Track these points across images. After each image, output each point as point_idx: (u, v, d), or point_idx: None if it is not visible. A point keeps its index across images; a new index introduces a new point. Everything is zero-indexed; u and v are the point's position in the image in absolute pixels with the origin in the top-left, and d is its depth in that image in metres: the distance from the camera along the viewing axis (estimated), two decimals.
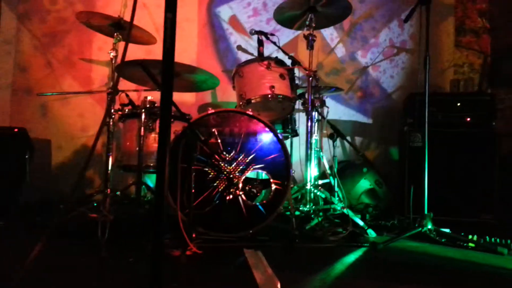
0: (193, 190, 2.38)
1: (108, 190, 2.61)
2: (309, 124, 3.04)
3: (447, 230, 2.96)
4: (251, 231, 2.58)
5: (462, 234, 2.86)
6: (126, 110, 3.17)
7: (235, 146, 2.66)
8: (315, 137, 3.22)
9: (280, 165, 2.68)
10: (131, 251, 2.28)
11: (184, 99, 4.13)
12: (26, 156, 3.47)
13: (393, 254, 2.52)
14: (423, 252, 2.60)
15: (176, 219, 2.36)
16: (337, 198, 3.25)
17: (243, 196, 2.61)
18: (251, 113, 2.69)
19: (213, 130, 2.63)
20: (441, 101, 3.81)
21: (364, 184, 3.85)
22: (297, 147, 3.70)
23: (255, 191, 2.62)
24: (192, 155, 2.42)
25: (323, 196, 3.15)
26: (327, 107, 3.30)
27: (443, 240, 2.82)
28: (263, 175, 2.69)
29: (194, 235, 2.39)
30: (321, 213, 3.11)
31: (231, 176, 2.61)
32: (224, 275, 1.98)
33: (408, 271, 2.19)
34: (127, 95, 3.11)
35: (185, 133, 2.52)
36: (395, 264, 2.32)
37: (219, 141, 2.65)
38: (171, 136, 2.87)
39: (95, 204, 2.87)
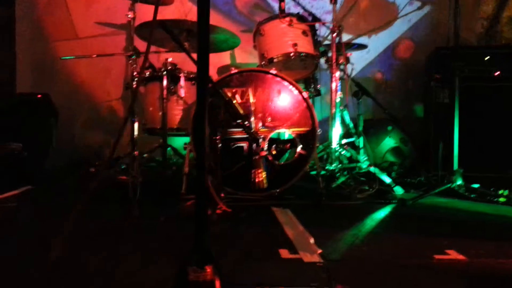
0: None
1: (136, 152, 2.62)
2: (334, 82, 2.97)
3: (476, 186, 2.92)
4: (277, 190, 2.57)
5: (492, 189, 2.81)
6: (147, 73, 3.15)
7: (260, 106, 2.61)
8: (339, 95, 3.15)
9: (305, 125, 2.64)
10: (161, 211, 2.32)
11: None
12: (51, 122, 3.52)
13: (423, 210, 2.50)
14: (453, 207, 2.57)
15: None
16: (362, 157, 3.21)
17: (269, 156, 2.59)
18: (275, 72, 2.63)
19: (240, 90, 2.58)
20: (469, 55, 3.67)
21: (389, 142, 3.79)
22: (318, 107, 3.63)
23: (280, 151, 2.60)
24: (216, 116, 2.40)
25: (349, 155, 3.12)
26: (352, 64, 3.20)
27: (472, 195, 2.78)
28: (289, 135, 2.65)
29: (222, 195, 2.41)
30: (345, 172, 3.09)
31: (257, 136, 2.59)
32: (255, 231, 1.99)
33: (440, 225, 2.18)
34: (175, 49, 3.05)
35: (209, 94, 2.48)
36: (426, 219, 2.31)
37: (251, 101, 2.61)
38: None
39: (122, 167, 2.90)
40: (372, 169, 2.96)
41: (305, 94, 2.66)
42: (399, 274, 1.47)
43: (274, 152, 2.61)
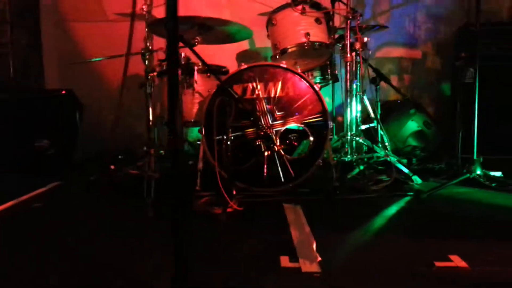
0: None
1: (152, 150, 2.69)
2: (348, 70, 2.90)
3: (499, 174, 2.82)
4: (290, 185, 2.59)
5: None
6: (164, 66, 3.19)
7: (271, 100, 2.61)
8: (356, 82, 3.09)
9: (318, 118, 2.62)
10: (179, 209, 2.38)
11: (223, 48, 4.02)
12: (76, 116, 3.65)
13: (438, 203, 2.46)
14: (471, 199, 2.51)
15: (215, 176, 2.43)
16: (380, 145, 3.16)
17: (281, 150, 2.60)
18: (285, 65, 2.60)
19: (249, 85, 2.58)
20: (498, 32, 3.47)
21: (412, 126, 3.70)
22: (339, 93, 3.57)
23: (292, 145, 2.60)
24: (227, 113, 2.41)
25: (366, 143, 3.08)
26: (369, 49, 3.10)
27: (493, 185, 2.69)
28: (301, 128, 2.63)
29: (234, 192, 2.45)
30: (365, 159, 3.06)
31: (268, 131, 2.59)
32: (262, 233, 2.03)
33: (451, 223, 2.14)
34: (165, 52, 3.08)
35: (218, 93, 2.49)
36: (438, 215, 2.27)
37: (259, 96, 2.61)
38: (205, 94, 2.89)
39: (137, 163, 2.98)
40: (388, 158, 2.91)
41: (317, 87, 2.62)
42: (395, 285, 1.47)
43: (286, 146, 2.61)
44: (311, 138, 2.62)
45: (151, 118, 2.77)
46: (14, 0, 4.57)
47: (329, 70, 3.25)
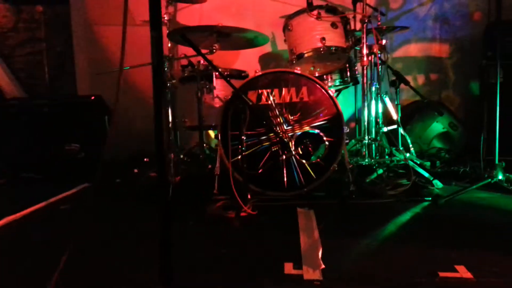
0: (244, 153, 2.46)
1: (172, 155, 2.79)
2: (364, 73, 2.89)
3: None
4: (305, 190, 2.61)
5: None
6: (186, 72, 3.29)
7: (286, 106, 2.63)
8: (375, 84, 3.06)
9: (333, 122, 2.62)
10: (192, 213, 2.47)
11: (246, 52, 4.08)
12: (105, 121, 3.81)
13: (456, 209, 2.41)
14: (491, 205, 2.45)
15: (235, 181, 2.48)
16: (401, 148, 3.12)
17: (296, 156, 2.62)
18: (299, 71, 2.62)
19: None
20: None
21: (437, 127, 3.62)
22: (359, 95, 3.54)
23: (307, 150, 2.62)
24: (241, 121, 2.47)
25: (385, 147, 3.05)
26: (387, 52, 3.07)
27: None
28: (316, 133, 2.65)
29: (249, 196, 2.50)
30: (387, 162, 3.03)
31: (283, 137, 2.62)
32: (271, 238, 2.07)
33: (467, 230, 2.09)
34: (186, 56, 3.16)
35: (233, 100, 2.55)
36: (454, 222, 2.22)
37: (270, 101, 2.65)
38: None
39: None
40: (409, 162, 2.87)
41: (331, 92, 2.63)
42: None
43: (302, 151, 2.63)
44: (327, 143, 2.63)
45: (170, 123, 2.86)
46: (48, 9, 4.84)
47: (348, 73, 3.23)
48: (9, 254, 1.96)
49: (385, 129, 3.35)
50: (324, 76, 3.24)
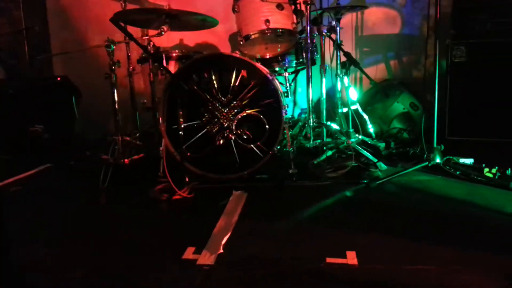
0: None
1: (119, 137, 2.84)
2: (308, 57, 2.87)
3: (469, 161, 2.73)
4: (246, 173, 2.65)
5: (484, 165, 2.60)
6: (143, 54, 3.31)
7: (229, 89, 2.65)
8: (327, 65, 3.06)
9: (274, 104, 2.63)
10: (133, 195, 2.54)
11: (216, 30, 4.00)
12: (73, 101, 3.88)
13: (386, 193, 2.43)
14: (424, 189, 2.45)
15: (178, 163, 2.54)
16: (351, 130, 3.14)
17: (237, 139, 2.66)
18: (237, 55, 2.62)
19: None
20: (494, 6, 3.24)
21: (397, 107, 3.59)
22: (317, 77, 3.51)
23: (247, 133, 2.65)
24: (178, 104, 2.50)
25: (336, 129, 3.07)
26: (335, 34, 3.04)
27: (457, 173, 2.61)
28: (257, 115, 2.66)
29: (187, 179, 2.56)
30: (333, 145, 3.06)
31: (224, 119, 2.65)
32: (191, 222, 2.14)
33: (383, 215, 2.11)
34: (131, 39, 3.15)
35: (170, 86, 2.57)
36: (375, 206, 2.24)
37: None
38: None
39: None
40: (353, 144, 2.88)
41: (272, 76, 2.63)
42: (273, 280, 1.53)
43: (243, 134, 2.67)
44: (267, 126, 2.65)
45: (116, 106, 2.90)
46: None
47: (303, 54, 3.21)
48: None
49: (344, 110, 3.36)
50: (279, 58, 3.22)
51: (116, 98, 2.89)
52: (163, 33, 2.94)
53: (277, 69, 3.31)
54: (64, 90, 3.84)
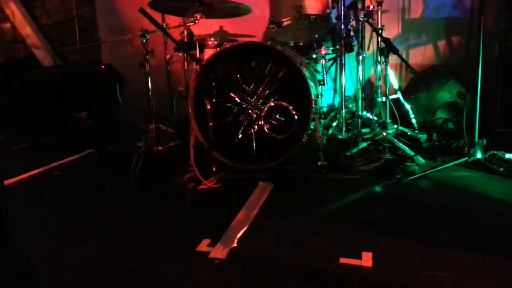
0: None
1: (153, 126, 2.90)
2: (342, 43, 2.75)
3: None
4: (273, 164, 2.61)
5: None
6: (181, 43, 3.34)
7: (255, 78, 2.61)
8: (363, 53, 2.92)
9: (301, 95, 2.56)
10: (160, 183, 2.59)
11: (256, 16, 3.94)
12: (117, 89, 4.01)
13: (419, 189, 2.30)
14: (461, 186, 2.30)
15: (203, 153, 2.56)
16: (389, 121, 2.99)
17: (265, 129, 2.62)
18: (269, 44, 2.57)
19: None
20: None
21: (443, 96, 3.38)
22: (354, 65, 3.37)
23: (277, 122, 2.61)
24: (205, 94, 2.50)
25: (371, 119, 2.94)
26: (372, 21, 2.88)
27: (501, 169, 2.42)
28: (287, 107, 2.60)
29: (214, 169, 2.57)
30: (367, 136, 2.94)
31: (252, 109, 2.62)
32: (209, 213, 2.15)
33: (409, 214, 2.00)
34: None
35: (200, 74, 2.57)
36: (404, 204, 2.13)
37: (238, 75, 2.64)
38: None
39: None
40: (388, 136, 2.75)
41: (302, 67, 2.55)
42: (282, 278, 1.50)
43: (272, 124, 2.63)
44: (296, 117, 2.59)
45: (150, 94, 2.96)
46: None
47: (342, 41, 3.08)
48: None
49: (383, 99, 3.22)
50: (315, 44, 3.12)
51: (150, 87, 2.94)
52: (196, 21, 2.94)
53: (314, 56, 3.21)
54: (108, 77, 3.97)
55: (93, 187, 2.66)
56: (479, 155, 2.40)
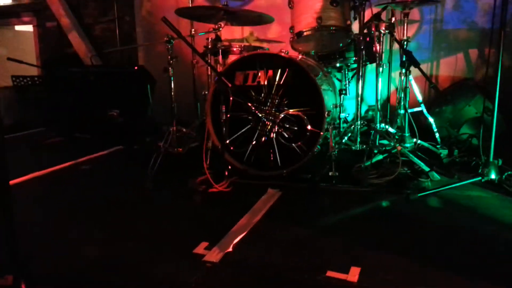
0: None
1: (174, 128, 3.02)
2: (361, 55, 2.75)
3: None
4: (284, 171, 2.66)
5: None
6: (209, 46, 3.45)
7: (270, 88, 2.66)
8: (384, 66, 2.91)
9: (315, 106, 2.59)
10: (178, 184, 2.69)
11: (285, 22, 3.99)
12: (148, 90, 4.18)
13: (425, 207, 2.26)
14: (471, 207, 2.24)
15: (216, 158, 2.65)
16: (407, 134, 2.96)
17: (279, 137, 2.67)
18: (283, 53, 2.60)
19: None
20: None
21: (469, 111, 3.29)
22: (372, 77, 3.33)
23: (289, 132, 2.64)
24: (221, 101, 2.58)
25: (389, 131, 2.91)
26: (394, 32, 2.85)
27: None
28: (299, 116, 2.64)
29: (226, 173, 2.65)
30: (380, 149, 2.92)
31: (265, 118, 2.67)
32: (215, 217, 2.22)
33: (407, 233, 1.97)
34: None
35: (218, 81, 2.65)
36: (405, 222, 2.11)
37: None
38: None
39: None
40: (403, 150, 2.72)
41: (322, 77, 2.58)
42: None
43: (285, 132, 2.67)
44: (309, 126, 2.62)
45: (173, 98, 3.08)
46: None
47: (363, 51, 3.08)
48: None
49: (409, 111, 3.18)
50: (337, 55, 3.14)
51: (172, 90, 3.06)
52: (220, 28, 3.04)
53: (338, 65, 3.23)
54: (140, 78, 4.15)
55: (111, 183, 2.81)
56: (493, 176, 2.33)
